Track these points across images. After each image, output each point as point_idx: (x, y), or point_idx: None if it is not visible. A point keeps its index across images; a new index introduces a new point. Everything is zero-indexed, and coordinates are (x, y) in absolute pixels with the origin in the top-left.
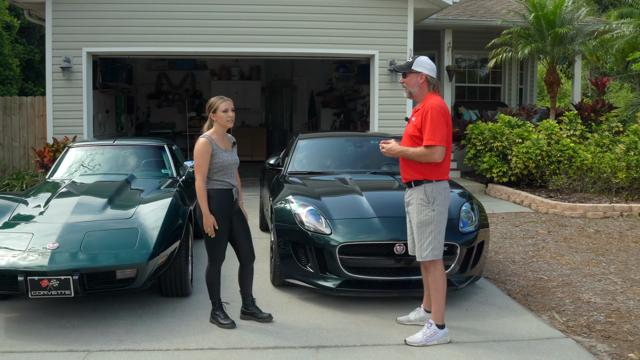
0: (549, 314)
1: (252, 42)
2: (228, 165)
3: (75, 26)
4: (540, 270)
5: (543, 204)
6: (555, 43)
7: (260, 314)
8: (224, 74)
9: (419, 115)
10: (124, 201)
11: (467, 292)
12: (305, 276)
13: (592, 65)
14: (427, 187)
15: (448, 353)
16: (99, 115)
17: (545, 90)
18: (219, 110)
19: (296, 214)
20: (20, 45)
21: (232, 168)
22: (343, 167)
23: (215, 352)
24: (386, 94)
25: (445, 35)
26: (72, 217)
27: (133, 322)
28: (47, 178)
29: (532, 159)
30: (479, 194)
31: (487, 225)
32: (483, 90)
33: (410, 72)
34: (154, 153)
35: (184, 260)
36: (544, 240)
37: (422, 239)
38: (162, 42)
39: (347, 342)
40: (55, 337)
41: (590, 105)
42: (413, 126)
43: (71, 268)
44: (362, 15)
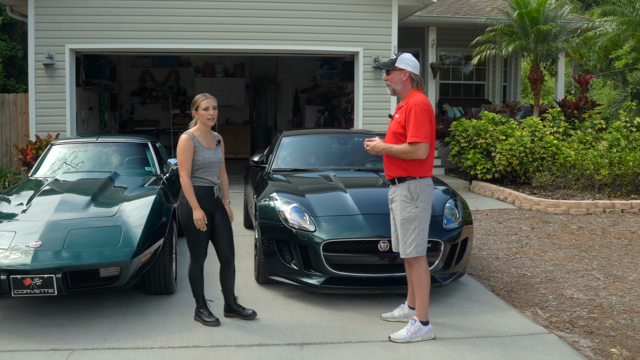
0: (532, 310)
1: (236, 39)
2: (210, 163)
3: (58, 22)
4: (524, 266)
5: (526, 200)
6: (538, 40)
7: (244, 311)
8: (208, 71)
9: (403, 112)
10: (107, 199)
11: (451, 289)
12: (290, 273)
13: (575, 62)
14: (410, 183)
15: (432, 349)
16: (82, 113)
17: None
18: (200, 108)
19: (280, 211)
20: (2, 42)
21: (215, 166)
22: (327, 164)
23: (199, 350)
24: (370, 91)
25: (429, 32)
26: (55, 215)
27: (117, 320)
28: (30, 176)
29: (515, 155)
30: (463, 190)
31: (470, 222)
32: (467, 88)
33: (393, 69)
34: (138, 150)
35: (168, 258)
36: (527, 237)
37: (405, 236)
38: (146, 39)
39: (332, 339)
40: (38, 335)
41: (574, 103)
42: (397, 123)
43: (54, 266)
44: (347, 12)
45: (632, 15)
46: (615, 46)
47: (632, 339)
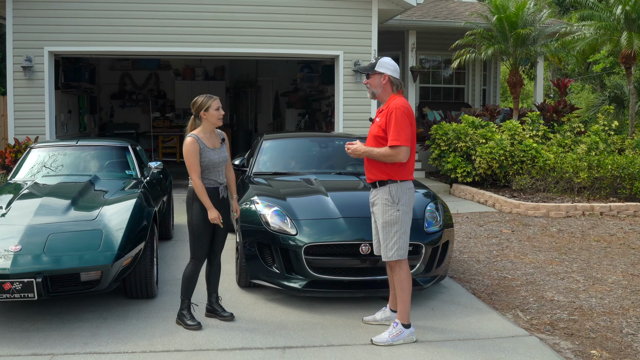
0: (513, 312)
1: (216, 42)
2: (215, 164)
3: (37, 25)
4: (505, 269)
5: (507, 203)
6: (517, 44)
7: (222, 312)
8: (188, 74)
9: (384, 115)
10: (87, 202)
11: (432, 292)
12: (271, 277)
13: (553, 66)
14: (391, 187)
15: (414, 352)
16: (62, 116)
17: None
18: (212, 109)
19: (261, 214)
20: None
21: (220, 165)
22: (308, 167)
23: (181, 354)
24: (351, 95)
25: (409, 36)
26: (35, 219)
27: (98, 324)
28: (9, 179)
29: (495, 159)
30: (444, 194)
31: (451, 225)
32: (447, 91)
33: (373, 73)
34: (118, 154)
35: (149, 262)
36: (507, 240)
37: (387, 239)
38: (125, 41)
39: (314, 343)
40: (19, 340)
41: (553, 106)
42: (377, 127)
43: (34, 270)
44: (327, 15)
45: (609, 20)
46: (593, 50)
47: (612, 341)
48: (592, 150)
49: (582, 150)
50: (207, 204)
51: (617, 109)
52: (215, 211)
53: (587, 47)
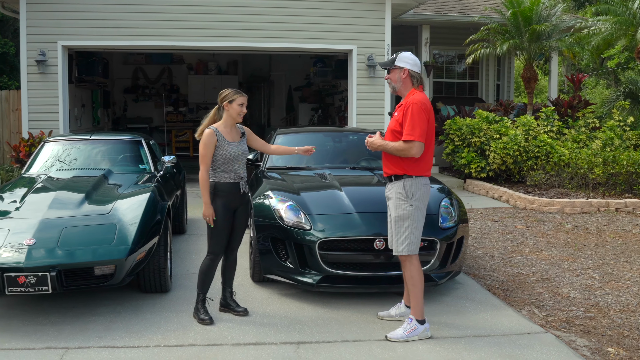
0: (528, 309)
1: (229, 36)
2: (234, 157)
3: (51, 19)
4: (519, 265)
5: (521, 199)
6: (532, 39)
7: (236, 307)
8: (201, 69)
9: (401, 110)
10: (101, 196)
11: (447, 288)
12: (285, 272)
13: (568, 61)
14: (406, 182)
15: (429, 348)
16: (75, 110)
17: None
18: (235, 103)
19: (275, 209)
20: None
21: (240, 159)
22: (322, 162)
23: (195, 349)
24: (364, 89)
25: (422, 30)
26: (49, 213)
27: (112, 318)
28: (23, 173)
29: (509, 154)
30: (457, 189)
31: (466, 220)
32: (461, 86)
33: (393, 67)
34: (132, 148)
35: (163, 256)
36: (522, 236)
37: (398, 234)
38: (138, 36)
39: (328, 338)
40: (33, 334)
41: (567, 102)
42: (395, 121)
43: (48, 264)
44: (340, 10)
45: (624, 14)
46: (608, 45)
47: (629, 339)
48: (607, 146)
49: (597, 146)
50: (205, 198)
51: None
52: (210, 208)
53: (601, 42)
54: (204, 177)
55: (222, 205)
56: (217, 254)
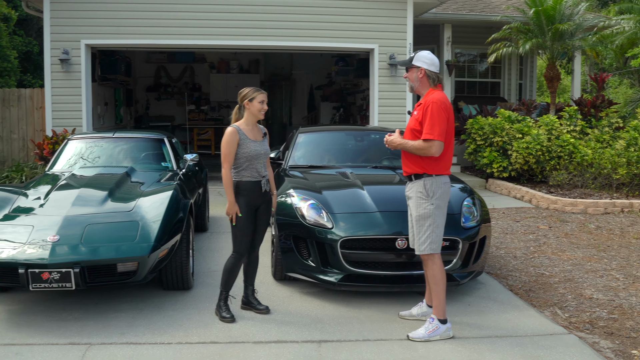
0: (551, 309)
1: (251, 35)
2: (256, 155)
3: (74, 18)
4: (542, 265)
5: (543, 199)
6: (555, 38)
7: (258, 305)
8: (222, 67)
9: (420, 109)
10: (124, 194)
11: (469, 287)
12: (307, 270)
13: (591, 61)
14: (426, 181)
15: (451, 348)
16: (98, 108)
17: (544, 86)
18: (256, 101)
19: (297, 207)
20: (18, 37)
21: (262, 158)
22: (344, 161)
23: (217, 346)
24: (386, 88)
25: (444, 29)
26: (72, 210)
27: (134, 315)
28: (47, 170)
29: (532, 154)
30: (479, 189)
31: (488, 220)
32: (483, 85)
33: (411, 67)
34: (154, 146)
35: (185, 254)
36: (545, 236)
37: (420, 233)
38: (161, 34)
39: (350, 337)
40: (56, 329)
41: (590, 101)
42: (414, 120)
43: (72, 261)
44: (362, 9)
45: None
46: (632, 44)
47: None
48: (631, 146)
49: (621, 146)
50: (230, 196)
51: None
52: (235, 206)
53: (625, 41)
54: (227, 176)
55: (244, 203)
56: (242, 253)
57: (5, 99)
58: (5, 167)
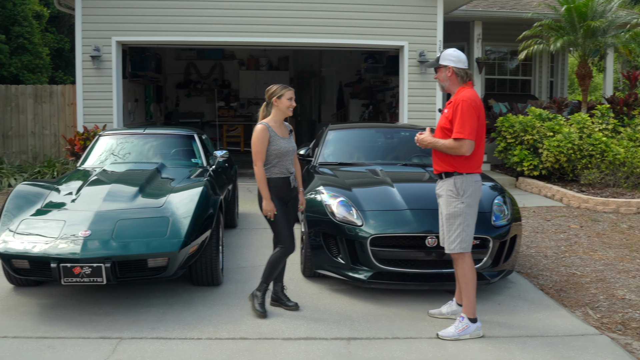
0: (582, 310)
1: (280, 32)
2: (285, 152)
3: (105, 15)
4: (573, 265)
5: (575, 198)
6: (587, 36)
7: (287, 301)
8: (252, 64)
9: (451, 107)
10: (154, 190)
11: (499, 286)
12: (336, 267)
13: (624, 58)
14: (456, 179)
15: (481, 347)
16: (129, 104)
17: (576, 83)
18: (284, 97)
19: (327, 204)
20: (50, 34)
21: (290, 154)
22: (373, 158)
23: (246, 342)
24: (415, 86)
25: (474, 26)
26: (103, 205)
27: (164, 310)
28: (78, 166)
29: (563, 152)
30: (509, 187)
31: (519, 218)
32: (513, 83)
33: (438, 67)
34: (184, 142)
35: (215, 250)
36: (576, 235)
37: (450, 231)
38: (191, 31)
39: (379, 335)
40: (87, 323)
41: (623, 99)
42: (445, 118)
43: (103, 256)
44: (392, 6)
45: None
46: None
47: None
48: None
49: None
50: (265, 194)
51: None
52: (271, 203)
53: None
54: (261, 173)
55: (276, 199)
56: (288, 245)
57: (37, 95)
58: (37, 163)
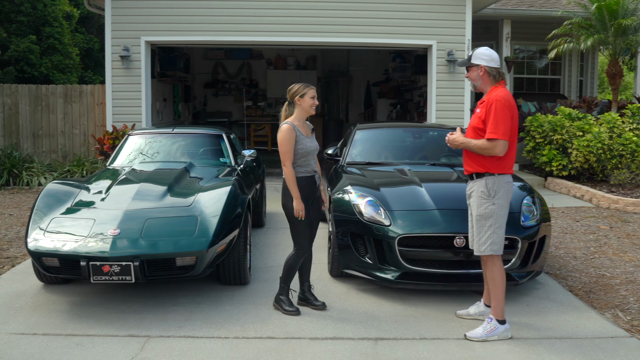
0: (612, 312)
1: (308, 31)
2: (310, 151)
3: (134, 15)
4: (603, 266)
5: (604, 198)
6: (617, 34)
7: (315, 301)
8: (279, 64)
9: (484, 107)
10: (183, 189)
11: (527, 288)
12: (364, 267)
13: None
14: (488, 180)
15: (509, 349)
16: (157, 104)
17: (606, 83)
18: (307, 96)
19: (355, 204)
20: (79, 35)
21: (314, 153)
22: (401, 158)
23: (273, 341)
24: (444, 85)
25: (503, 25)
26: (132, 204)
27: (192, 309)
28: (108, 165)
29: (593, 152)
30: (538, 187)
31: (548, 219)
32: (542, 82)
33: (470, 66)
34: (213, 141)
35: (242, 249)
36: (605, 236)
37: (480, 233)
38: (218, 31)
39: (406, 335)
40: (116, 321)
41: None
42: (477, 118)
43: (132, 254)
44: (420, 4)
45: None
46: None
47: None
48: None
49: None
50: (296, 193)
51: None
52: (301, 203)
53: None
54: (291, 173)
55: (303, 199)
56: (305, 248)
57: (67, 95)
58: (66, 162)
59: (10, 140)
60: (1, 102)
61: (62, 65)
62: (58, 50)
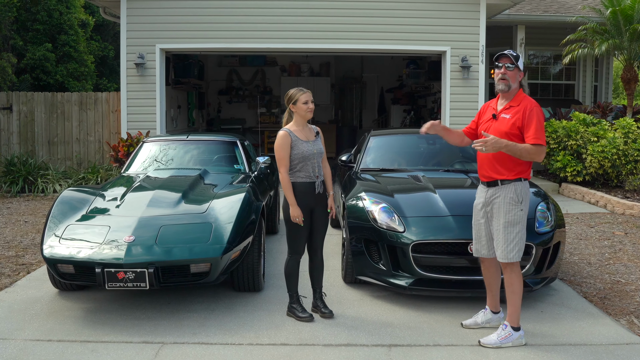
0: (627, 318)
1: (321, 38)
2: (309, 156)
3: (149, 23)
4: (618, 273)
5: (619, 204)
6: (633, 39)
7: (323, 308)
8: (293, 70)
9: (519, 113)
10: (197, 196)
11: (541, 294)
12: (378, 274)
13: None
14: (517, 185)
15: (523, 356)
16: (172, 111)
17: (621, 88)
18: (299, 102)
19: (369, 211)
20: (95, 42)
21: (315, 158)
22: (416, 164)
23: (287, 348)
24: (458, 91)
25: (517, 31)
26: (147, 211)
27: (206, 315)
28: (122, 172)
29: (608, 158)
30: (552, 193)
31: (563, 225)
32: (556, 87)
33: (516, 67)
34: (227, 148)
35: (257, 256)
36: (620, 242)
37: (508, 239)
38: (233, 38)
39: (420, 342)
40: (130, 328)
41: None
42: (510, 124)
43: (147, 261)
44: (434, 11)
45: None
46: None
47: None
48: None
49: None
50: (291, 200)
51: None
52: (297, 209)
53: None
54: (285, 179)
55: (301, 207)
56: (297, 252)
57: (82, 102)
58: (81, 169)
59: (26, 147)
60: (17, 109)
61: (77, 73)
62: (73, 58)
